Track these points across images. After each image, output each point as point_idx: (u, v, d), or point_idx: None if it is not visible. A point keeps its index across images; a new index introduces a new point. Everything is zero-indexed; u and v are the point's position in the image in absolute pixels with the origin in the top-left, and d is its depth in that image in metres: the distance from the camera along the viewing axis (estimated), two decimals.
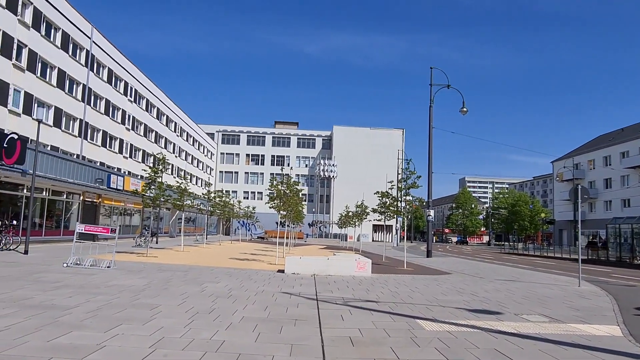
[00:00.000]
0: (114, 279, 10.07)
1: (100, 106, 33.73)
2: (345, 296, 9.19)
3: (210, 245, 30.48)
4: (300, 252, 27.03)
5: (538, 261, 30.47)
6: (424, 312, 7.66)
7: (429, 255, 26.35)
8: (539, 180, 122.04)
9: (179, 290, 8.90)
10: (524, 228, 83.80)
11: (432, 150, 27.15)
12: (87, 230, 12.18)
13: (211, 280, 10.85)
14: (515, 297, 9.87)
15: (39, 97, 25.97)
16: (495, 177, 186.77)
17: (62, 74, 28.36)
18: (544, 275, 16.35)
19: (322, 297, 8.96)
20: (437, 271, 16.53)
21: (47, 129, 26.85)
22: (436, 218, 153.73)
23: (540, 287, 12.22)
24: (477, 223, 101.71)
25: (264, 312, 7.10)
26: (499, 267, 20.93)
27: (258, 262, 17.41)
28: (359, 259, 14.21)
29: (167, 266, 13.88)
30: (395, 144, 72.64)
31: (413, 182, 17.03)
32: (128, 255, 16.99)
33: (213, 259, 17.89)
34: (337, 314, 7.20)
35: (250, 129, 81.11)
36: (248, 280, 11.09)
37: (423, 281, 12.75)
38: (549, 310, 8.24)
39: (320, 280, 11.91)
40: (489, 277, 14.57)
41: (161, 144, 47.34)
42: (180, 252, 20.93)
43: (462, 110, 27.41)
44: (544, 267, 23.68)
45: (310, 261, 13.84)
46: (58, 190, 23.27)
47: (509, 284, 12.78)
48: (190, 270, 13.00)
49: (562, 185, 65.90)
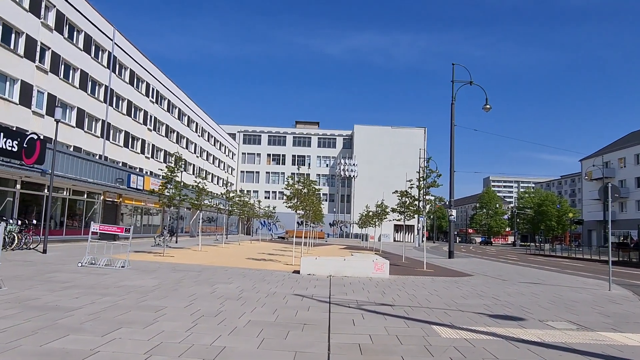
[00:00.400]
0: (126, 279, 9.96)
1: (122, 107, 34.15)
2: (359, 299, 8.84)
3: (229, 245, 30.49)
4: (319, 253, 26.75)
5: (565, 263, 29.42)
6: (441, 317, 7.25)
7: (451, 256, 25.71)
8: (566, 179, 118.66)
9: (189, 292, 8.70)
10: (551, 228, 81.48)
11: (454, 148, 26.50)
12: (101, 229, 12.15)
13: (224, 281, 10.64)
14: (540, 302, 9.34)
15: (62, 98, 26.40)
16: (521, 176, 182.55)
17: (85, 76, 28.79)
18: (571, 278, 15.64)
19: (335, 299, 8.64)
20: (458, 273, 15.99)
21: (69, 130, 27.31)
22: (459, 218, 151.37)
23: (567, 290, 11.61)
24: (501, 223, 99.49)
25: (272, 315, 6.82)
26: (523, 269, 20.20)
27: (275, 262, 17.19)
28: (377, 259, 13.82)
29: (182, 266, 13.77)
30: (417, 142, 71.70)
31: (433, 181, 16.50)
32: (145, 255, 17.00)
33: (230, 259, 17.75)
34: (349, 318, 6.86)
35: (271, 129, 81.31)
36: (261, 282, 10.85)
37: (443, 283, 12.28)
38: (576, 317, 7.72)
39: (335, 281, 11.58)
40: (513, 280, 13.98)
41: (182, 144, 47.77)
42: (198, 251, 20.90)
43: (485, 107, 26.71)
44: (572, 269, 22.79)
45: (326, 262, 13.52)
46: (79, 190, 23.57)
47: (534, 287, 12.19)
48: (204, 270, 12.85)
49: (591, 184, 63.80)
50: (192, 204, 21.08)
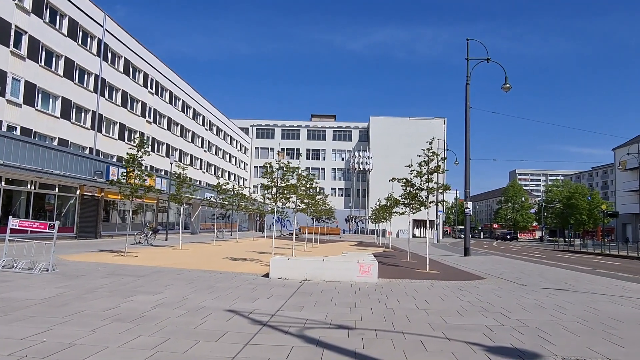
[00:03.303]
0: (21, 289, 7.81)
1: (116, 98, 32.44)
2: (314, 317, 6.45)
3: (226, 242, 28.40)
4: (322, 250, 24.42)
5: (598, 260, 26.20)
6: (411, 352, 4.79)
7: (467, 253, 22.96)
8: (597, 170, 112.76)
9: (80, 307, 6.47)
10: (582, 222, 76.77)
11: (470, 133, 23.73)
12: (21, 225, 10.07)
13: (153, 290, 8.38)
14: (566, 320, 6.74)
15: (43, 87, 24.71)
16: (549, 169, 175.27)
17: (70, 63, 27.06)
18: (607, 281, 12.81)
19: (277, 319, 6.27)
20: (468, 275, 13.37)
21: (54, 121, 25.66)
22: (483, 213, 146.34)
23: (604, 300, 8.91)
24: (528, 218, 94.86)
25: (148, 351, 4.49)
26: (549, 269, 17.35)
27: (254, 262, 14.90)
28: (363, 260, 11.35)
29: (131, 268, 11.60)
30: (436, 134, 68.03)
31: (436, 166, 13.88)
32: (103, 255, 14.95)
33: (204, 259, 15.54)
34: (264, 357, 4.48)
35: (285, 123, 79.09)
36: (204, 290, 8.55)
37: (442, 290, 9.75)
38: (622, 350, 5.13)
39: (306, 288, 9.22)
40: (533, 284, 11.29)
41: (188, 138, 46.04)
42: (178, 250, 18.80)
43: (504, 87, 24.03)
44: (607, 268, 19.77)
45: (301, 263, 11.15)
46: (48, 184, 21.49)
47: (560, 295, 9.53)
48: (151, 274, 10.64)
49: (625, 174, 59.40)
50: (171, 197, 19.00)
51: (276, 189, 14.20)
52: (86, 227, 23.67)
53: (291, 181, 16.17)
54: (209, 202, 25.42)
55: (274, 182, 14.05)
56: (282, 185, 14.71)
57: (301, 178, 18.43)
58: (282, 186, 14.67)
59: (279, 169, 14.50)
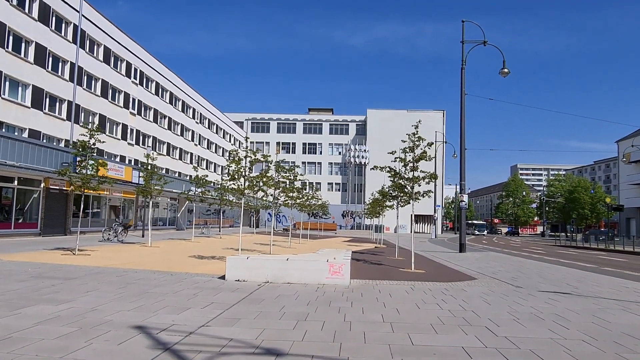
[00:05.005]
0: None
1: (95, 87, 30.92)
2: (241, 337, 4.97)
3: (208, 239, 26.96)
4: (309, 247, 22.96)
5: (603, 257, 24.67)
6: None
7: (462, 249, 21.51)
8: (600, 164, 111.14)
9: None
10: (584, 217, 75.08)
11: (465, 120, 22.30)
12: None
13: (66, 297, 6.89)
14: (569, 338, 5.25)
15: (10, 74, 23.18)
16: (551, 164, 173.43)
17: (42, 50, 25.51)
18: (615, 282, 11.30)
19: (190, 340, 4.79)
20: (458, 275, 11.87)
21: (23, 111, 24.17)
22: (484, 207, 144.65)
23: (615, 308, 7.40)
24: (529, 212, 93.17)
25: None
26: (549, 266, 15.84)
27: (220, 261, 13.35)
28: (334, 259, 9.85)
29: (66, 269, 10.12)
30: (435, 127, 66.54)
31: (422, 152, 12.36)
32: (52, 254, 13.46)
33: (165, 258, 14.06)
34: None
35: (281, 116, 77.45)
36: (129, 297, 7.07)
37: (422, 295, 8.26)
38: None
39: (259, 293, 7.75)
40: (531, 286, 9.79)
41: (176, 131, 44.54)
42: (146, 248, 17.32)
43: (502, 72, 22.63)
44: (613, 265, 18.26)
45: (263, 263, 9.67)
46: (5, 176, 19.97)
47: (561, 300, 8.02)
48: (85, 276, 9.16)
49: (629, 167, 57.79)
50: (139, 190, 17.53)
51: (243, 179, 12.67)
52: (52, 222, 22.17)
53: (270, 172, 14.76)
54: (187, 196, 23.89)
55: (240, 172, 12.52)
56: (252, 175, 13.22)
57: (280, 169, 17.00)
58: (252, 177, 13.17)
59: (246, 157, 12.97)
